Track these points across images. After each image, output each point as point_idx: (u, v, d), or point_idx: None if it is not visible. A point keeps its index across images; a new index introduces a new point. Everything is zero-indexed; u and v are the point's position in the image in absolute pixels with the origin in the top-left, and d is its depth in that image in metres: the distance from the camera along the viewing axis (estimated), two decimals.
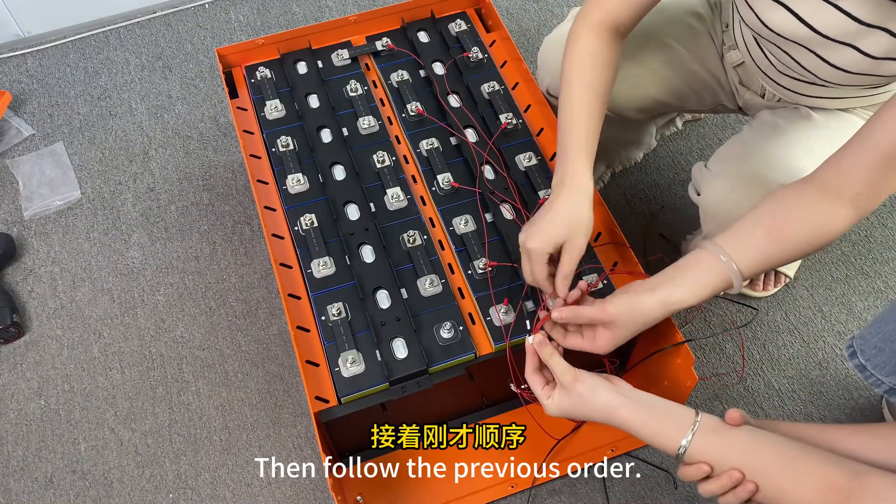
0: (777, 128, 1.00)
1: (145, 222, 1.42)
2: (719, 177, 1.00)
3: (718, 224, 1.00)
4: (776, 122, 1.01)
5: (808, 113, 1.00)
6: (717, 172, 1.01)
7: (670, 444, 0.77)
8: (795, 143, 0.97)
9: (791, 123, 1.00)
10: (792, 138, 0.98)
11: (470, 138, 1.13)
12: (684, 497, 1.10)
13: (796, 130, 0.98)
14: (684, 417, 0.78)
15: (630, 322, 0.84)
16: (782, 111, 1.03)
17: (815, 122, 0.99)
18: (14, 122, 1.56)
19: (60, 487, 1.16)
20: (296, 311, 1.00)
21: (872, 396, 1.18)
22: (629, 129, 1.37)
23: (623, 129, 1.36)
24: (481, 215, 1.06)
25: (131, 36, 1.71)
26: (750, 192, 0.96)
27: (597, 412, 0.82)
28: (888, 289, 1.29)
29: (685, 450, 0.76)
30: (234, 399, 1.22)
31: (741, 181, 0.97)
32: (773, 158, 0.97)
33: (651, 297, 0.83)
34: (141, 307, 1.32)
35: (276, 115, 1.16)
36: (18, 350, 1.29)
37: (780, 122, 1.01)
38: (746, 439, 0.76)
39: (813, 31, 0.83)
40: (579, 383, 0.82)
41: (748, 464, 0.74)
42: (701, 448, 0.76)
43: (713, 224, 1.02)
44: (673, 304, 0.82)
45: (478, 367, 0.96)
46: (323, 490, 1.13)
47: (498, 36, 1.28)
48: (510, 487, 1.09)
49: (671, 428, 0.77)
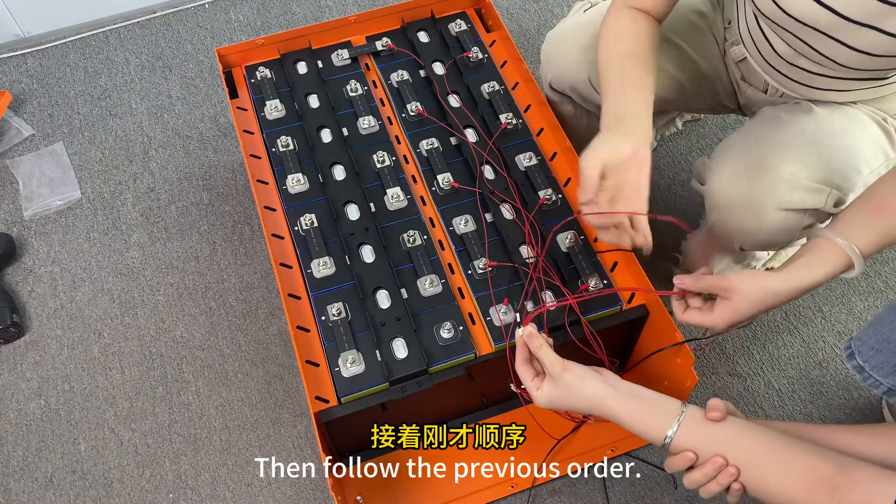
0: (780, 120, 1.00)
1: (145, 222, 1.42)
2: (724, 164, 1.00)
3: (724, 211, 0.99)
4: (778, 116, 1.01)
5: (811, 107, 1.00)
6: (722, 161, 1.00)
7: (656, 435, 0.78)
8: (800, 132, 0.97)
9: (794, 116, 1.00)
10: (796, 128, 0.98)
11: (470, 138, 1.13)
12: (684, 497, 1.10)
13: (800, 122, 0.98)
14: (671, 408, 0.78)
15: (752, 295, 0.83)
16: (784, 106, 1.03)
17: (818, 114, 0.99)
18: (14, 122, 1.56)
19: (60, 487, 1.16)
20: (296, 311, 1.00)
21: (872, 396, 1.18)
22: None
23: None
24: (481, 215, 1.06)
25: (131, 36, 1.71)
26: (755, 177, 0.95)
27: (585, 402, 0.82)
28: (888, 289, 1.29)
29: (670, 440, 0.77)
30: (234, 399, 1.22)
31: (746, 167, 0.97)
32: (778, 145, 0.96)
33: (775, 275, 0.83)
34: (141, 307, 1.32)
35: (276, 115, 1.17)
36: (18, 350, 1.29)
37: (783, 115, 1.00)
38: (732, 430, 0.76)
39: (835, 13, 0.83)
40: (567, 373, 0.82)
41: (734, 454, 0.75)
42: (686, 439, 0.77)
43: (719, 212, 1.01)
44: (796, 281, 0.82)
45: (478, 367, 0.96)
46: (323, 490, 1.13)
47: (498, 36, 1.28)
48: (510, 487, 1.09)
49: (658, 419, 0.78)
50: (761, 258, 1.26)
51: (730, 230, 1.01)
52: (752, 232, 0.98)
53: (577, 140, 1.25)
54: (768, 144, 0.97)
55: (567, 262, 1.01)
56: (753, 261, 1.25)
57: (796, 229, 0.98)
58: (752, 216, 0.96)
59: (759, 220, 0.96)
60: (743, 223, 0.98)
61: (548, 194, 1.06)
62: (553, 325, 0.95)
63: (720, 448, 0.75)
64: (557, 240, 1.03)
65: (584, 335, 0.94)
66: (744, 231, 0.99)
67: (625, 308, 0.99)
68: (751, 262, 1.25)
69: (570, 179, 1.10)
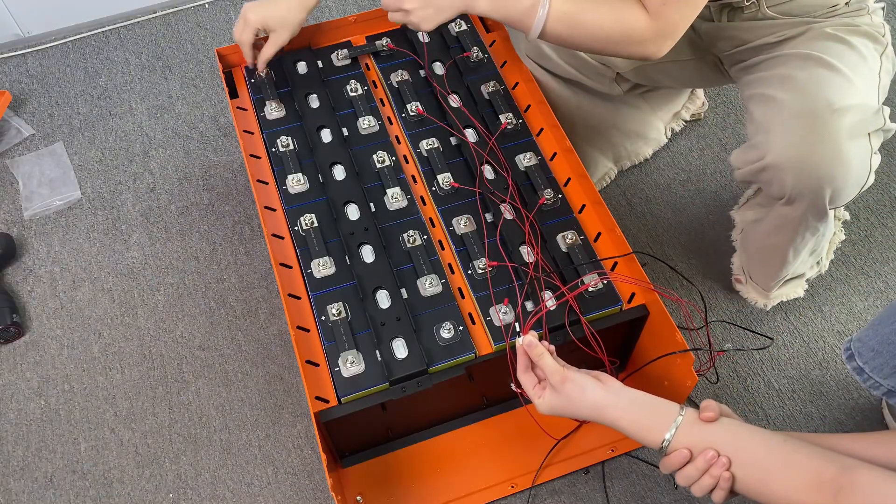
0: (784, 76, 1.00)
1: (145, 222, 1.42)
2: (773, 129, 0.97)
3: (802, 170, 0.95)
4: (779, 73, 1.01)
5: (793, 53, 1.01)
6: (768, 130, 0.98)
7: (655, 440, 0.78)
8: (811, 73, 0.97)
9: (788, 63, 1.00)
10: (802, 74, 0.98)
11: (470, 138, 1.13)
12: (684, 497, 1.10)
13: (801, 68, 0.98)
14: (669, 413, 0.79)
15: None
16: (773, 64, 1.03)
17: (808, 54, 0.99)
18: (14, 122, 1.56)
19: (60, 487, 1.16)
20: (296, 311, 1.00)
21: (872, 397, 1.18)
22: (630, 116, 1.37)
23: (624, 117, 1.36)
24: (481, 215, 1.06)
25: (131, 36, 1.71)
26: (812, 121, 0.93)
27: (586, 411, 0.83)
28: (888, 289, 1.29)
29: (668, 443, 0.77)
30: (234, 399, 1.22)
31: (797, 116, 0.95)
32: (806, 88, 0.96)
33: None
34: (141, 307, 1.32)
35: (276, 115, 1.17)
36: (18, 350, 1.29)
37: (781, 70, 1.01)
38: (730, 431, 0.77)
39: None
40: (569, 383, 0.83)
41: (732, 455, 0.75)
42: (684, 442, 0.77)
43: (798, 175, 0.96)
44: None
45: (478, 367, 0.96)
46: (323, 490, 1.13)
47: (498, 36, 1.28)
48: (510, 487, 1.09)
49: (656, 424, 0.79)
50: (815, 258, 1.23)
51: (816, 185, 0.96)
52: (838, 174, 0.94)
53: (569, 123, 1.27)
54: (800, 93, 0.96)
55: (567, 262, 1.01)
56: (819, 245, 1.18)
57: (868, 158, 0.96)
58: (833, 156, 0.93)
59: (840, 156, 0.93)
60: (825, 169, 0.94)
61: (548, 194, 1.06)
62: (553, 325, 0.95)
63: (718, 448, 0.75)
64: (557, 240, 1.03)
65: (583, 335, 0.94)
66: (831, 178, 0.95)
67: (625, 308, 0.99)
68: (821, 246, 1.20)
69: (570, 179, 1.10)
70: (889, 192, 1.39)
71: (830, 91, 0.95)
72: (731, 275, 1.28)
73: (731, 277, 1.28)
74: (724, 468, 0.74)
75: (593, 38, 0.97)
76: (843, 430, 1.15)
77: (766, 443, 0.75)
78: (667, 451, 0.78)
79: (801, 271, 1.23)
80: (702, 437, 0.77)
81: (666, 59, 1.19)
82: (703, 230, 1.36)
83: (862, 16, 1.03)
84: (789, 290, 1.24)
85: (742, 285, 1.27)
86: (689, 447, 0.76)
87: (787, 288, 1.24)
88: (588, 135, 1.35)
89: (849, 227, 1.35)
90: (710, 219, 1.37)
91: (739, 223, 1.27)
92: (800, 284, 1.25)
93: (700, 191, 1.41)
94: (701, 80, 1.23)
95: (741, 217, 1.26)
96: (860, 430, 1.15)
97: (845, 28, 1.01)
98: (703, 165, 1.45)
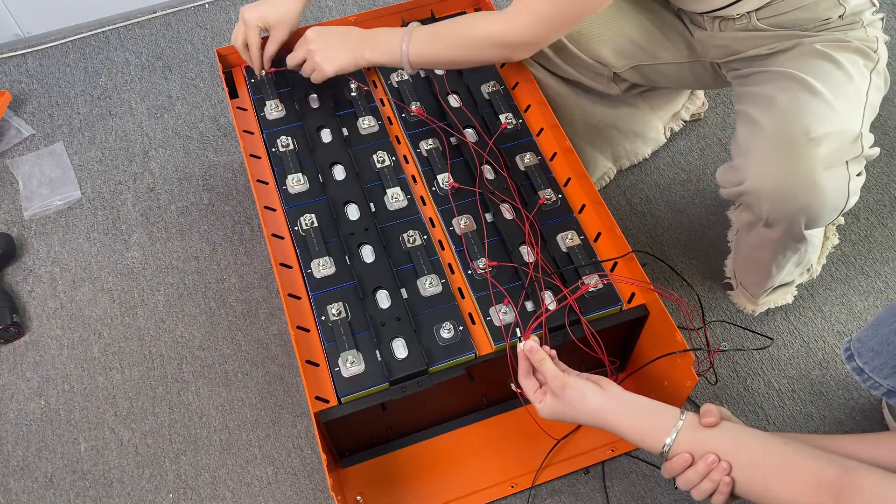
0: (768, 97, 1.00)
1: (145, 222, 1.42)
2: (752, 155, 0.98)
3: (776, 197, 0.97)
4: (764, 93, 1.01)
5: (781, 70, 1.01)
6: (748, 154, 0.99)
7: (656, 444, 0.79)
8: (794, 97, 0.98)
9: (776, 83, 1.00)
10: (789, 94, 0.98)
11: (470, 138, 1.13)
12: (684, 498, 1.10)
13: (786, 87, 0.99)
14: (670, 417, 0.79)
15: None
16: (760, 79, 1.04)
17: (794, 74, 0.99)
18: (14, 122, 1.56)
19: (60, 487, 1.16)
20: (296, 311, 1.00)
21: (872, 397, 1.18)
22: (629, 116, 1.37)
23: (623, 117, 1.36)
24: (481, 215, 1.06)
25: (131, 36, 1.71)
26: (789, 151, 0.94)
27: (586, 416, 0.83)
28: (888, 289, 1.29)
29: (669, 448, 0.77)
30: (234, 399, 1.22)
31: (775, 147, 0.96)
32: (786, 115, 0.96)
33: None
34: (141, 307, 1.32)
35: (276, 115, 1.17)
36: (18, 350, 1.29)
37: (767, 90, 1.01)
38: (730, 435, 0.77)
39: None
40: (569, 389, 0.83)
41: (733, 459, 0.75)
42: (684, 447, 0.77)
43: (772, 201, 0.98)
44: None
45: (478, 367, 0.96)
46: (323, 490, 1.13)
47: None
48: (510, 487, 1.09)
49: (657, 428, 0.79)
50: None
51: (790, 213, 0.97)
52: (813, 203, 0.95)
53: (569, 122, 1.28)
54: (778, 118, 0.97)
55: (567, 262, 1.01)
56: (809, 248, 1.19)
57: (845, 185, 0.96)
58: (806, 186, 0.94)
59: (814, 186, 0.94)
60: (800, 199, 0.95)
61: (548, 194, 1.06)
62: (553, 325, 0.95)
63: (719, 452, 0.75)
64: (557, 240, 1.03)
65: (584, 335, 0.94)
66: (806, 207, 0.96)
67: (625, 308, 0.99)
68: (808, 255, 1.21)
69: (570, 179, 1.10)
70: (889, 192, 1.39)
71: (809, 118, 0.95)
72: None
73: (724, 280, 1.28)
74: (725, 473, 0.74)
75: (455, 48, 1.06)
76: (843, 430, 1.15)
77: (766, 446, 0.75)
78: (667, 455, 0.78)
79: (790, 279, 1.23)
80: (702, 442, 0.77)
81: (664, 60, 1.19)
82: (703, 230, 1.36)
83: (855, 29, 1.02)
84: (777, 297, 1.25)
85: (733, 290, 1.27)
86: (690, 451, 0.77)
87: (776, 295, 1.25)
88: (587, 134, 1.35)
89: (849, 227, 1.35)
90: (710, 219, 1.37)
91: (736, 223, 1.27)
92: (789, 291, 1.26)
93: (700, 191, 1.41)
94: (698, 82, 1.23)
95: (737, 217, 1.26)
96: (860, 430, 1.15)
97: (835, 45, 1.00)
98: (703, 165, 1.45)
